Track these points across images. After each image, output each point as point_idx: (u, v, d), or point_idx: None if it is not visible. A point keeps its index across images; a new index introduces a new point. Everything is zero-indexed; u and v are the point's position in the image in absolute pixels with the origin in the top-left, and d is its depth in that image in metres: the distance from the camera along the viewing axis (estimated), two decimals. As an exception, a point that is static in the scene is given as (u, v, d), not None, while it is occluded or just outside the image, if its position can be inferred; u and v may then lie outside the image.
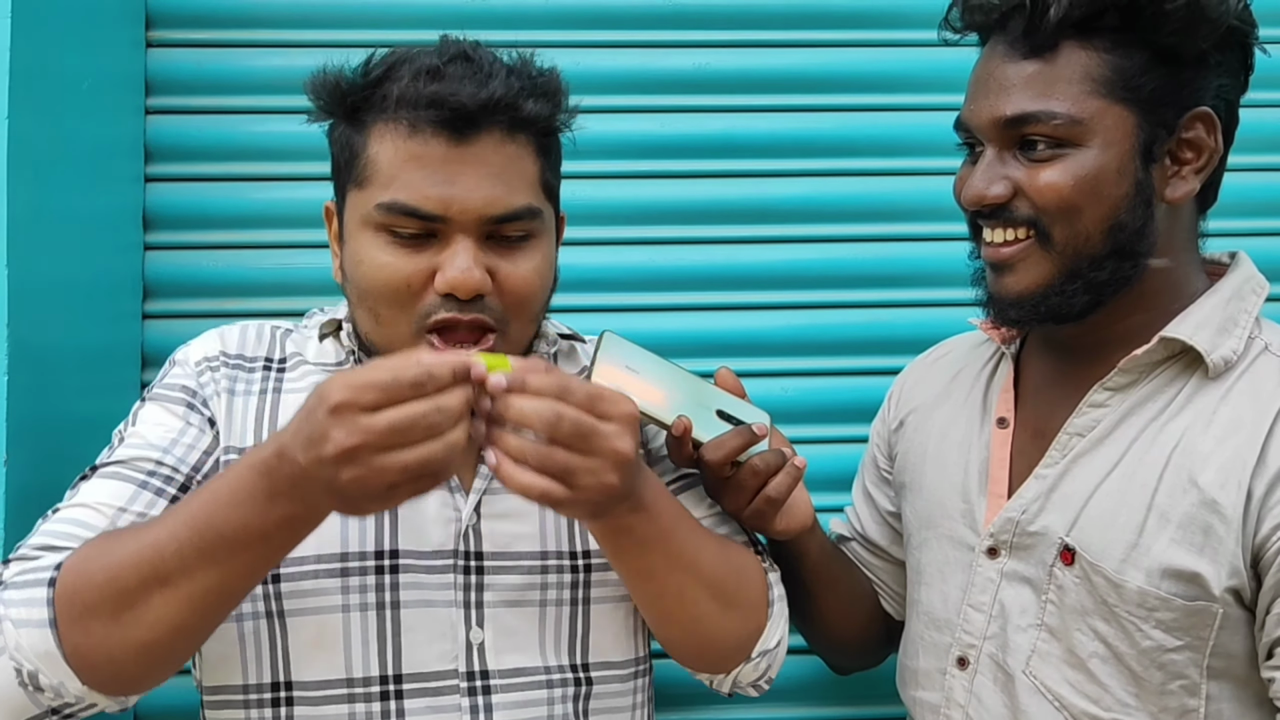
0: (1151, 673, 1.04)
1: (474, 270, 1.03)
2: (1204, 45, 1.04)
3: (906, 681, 1.26)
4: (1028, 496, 1.13)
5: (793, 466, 1.15)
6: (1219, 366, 1.06)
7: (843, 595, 1.34)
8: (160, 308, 1.65)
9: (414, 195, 1.03)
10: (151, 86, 1.66)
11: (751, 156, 1.72)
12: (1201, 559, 1.01)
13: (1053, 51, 1.05)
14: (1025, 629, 1.11)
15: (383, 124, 1.05)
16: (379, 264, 1.05)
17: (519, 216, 1.06)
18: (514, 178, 1.06)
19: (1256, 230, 1.70)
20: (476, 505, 1.13)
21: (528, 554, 1.13)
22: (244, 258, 1.66)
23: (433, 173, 1.03)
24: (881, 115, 1.73)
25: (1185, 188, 1.08)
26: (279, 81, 1.66)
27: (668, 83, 1.72)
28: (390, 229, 1.05)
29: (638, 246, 1.69)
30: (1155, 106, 1.05)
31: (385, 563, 1.09)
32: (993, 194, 1.08)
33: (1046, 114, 1.05)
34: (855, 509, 1.44)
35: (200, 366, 1.14)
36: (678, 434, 1.12)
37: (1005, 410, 1.20)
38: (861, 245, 1.72)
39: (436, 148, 1.03)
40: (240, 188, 1.67)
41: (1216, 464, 1.02)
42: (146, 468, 1.07)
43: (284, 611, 1.07)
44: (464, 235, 1.04)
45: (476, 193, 1.03)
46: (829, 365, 1.70)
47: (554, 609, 1.13)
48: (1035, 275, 1.09)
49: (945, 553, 1.21)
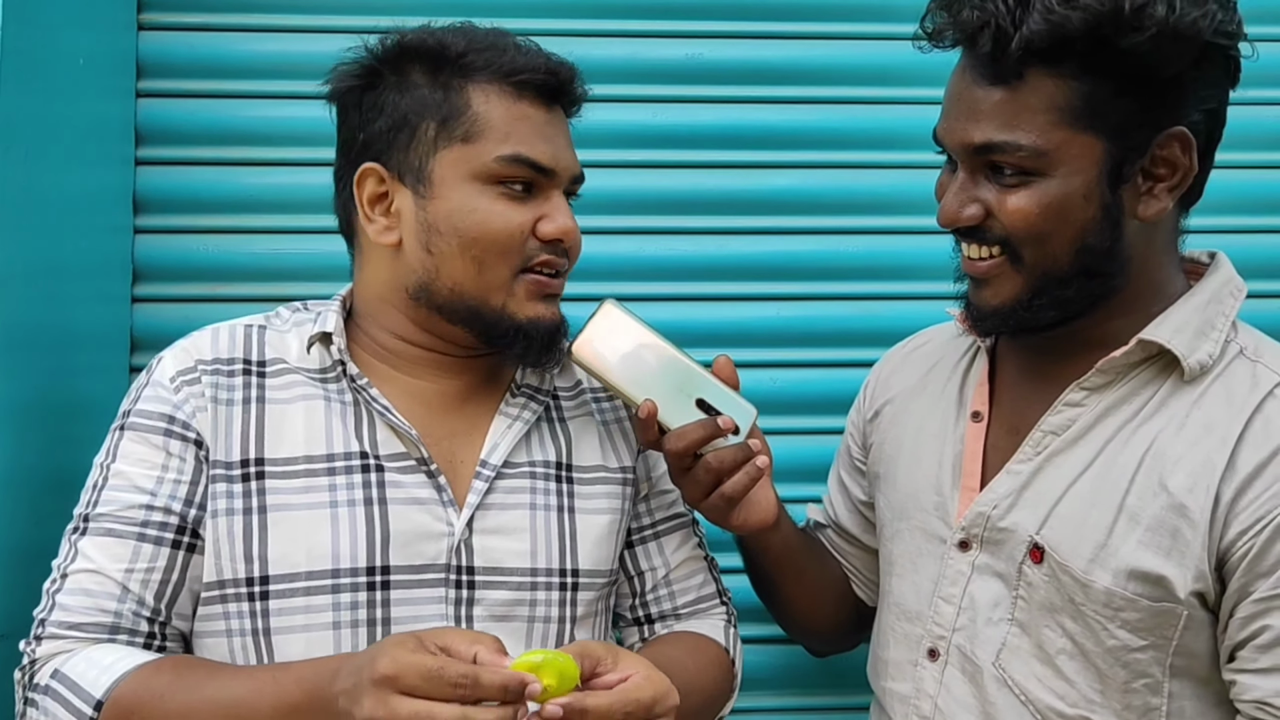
0: (1116, 671, 1.05)
1: (573, 222, 1.16)
2: (1179, 66, 1.01)
3: (878, 672, 1.26)
4: (999, 491, 1.14)
5: (753, 466, 1.15)
6: (1195, 370, 1.07)
7: (809, 585, 1.35)
8: (150, 291, 1.65)
9: (534, 150, 1.13)
10: (143, 69, 1.66)
11: (742, 148, 1.72)
12: (1168, 562, 1.02)
13: (1019, 79, 1.03)
14: (996, 623, 1.12)
15: (486, 84, 1.13)
16: (495, 212, 1.12)
17: (581, 179, 1.21)
18: (571, 145, 1.20)
19: (1237, 228, 1.71)
20: (469, 520, 1.13)
21: (518, 570, 1.14)
22: (235, 242, 1.66)
23: (538, 131, 1.14)
24: (871, 108, 1.73)
25: (1158, 205, 1.06)
26: (272, 65, 1.66)
27: (659, 72, 1.72)
28: (504, 181, 1.13)
29: (625, 236, 1.69)
30: (1126, 130, 1.03)
31: (377, 579, 1.09)
32: (965, 216, 1.09)
33: (1012, 145, 1.03)
34: (830, 497, 1.45)
35: (176, 383, 1.13)
36: (642, 416, 1.14)
37: (980, 404, 1.21)
38: (849, 238, 1.72)
39: (537, 112, 1.15)
40: (231, 172, 1.66)
41: (1187, 468, 1.03)
42: (139, 518, 1.08)
43: (272, 629, 1.08)
44: (558, 190, 1.17)
45: (568, 153, 1.18)
46: (814, 356, 1.71)
47: (541, 625, 1.15)
48: (1008, 291, 1.10)
49: (917, 544, 1.22)
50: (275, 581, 1.08)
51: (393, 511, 1.11)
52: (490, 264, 1.13)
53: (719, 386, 1.17)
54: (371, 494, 1.11)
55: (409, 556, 1.10)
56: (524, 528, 1.15)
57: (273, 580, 1.08)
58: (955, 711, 1.14)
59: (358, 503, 1.10)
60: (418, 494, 1.12)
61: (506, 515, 1.15)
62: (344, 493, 1.10)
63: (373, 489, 1.11)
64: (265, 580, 1.08)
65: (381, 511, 1.10)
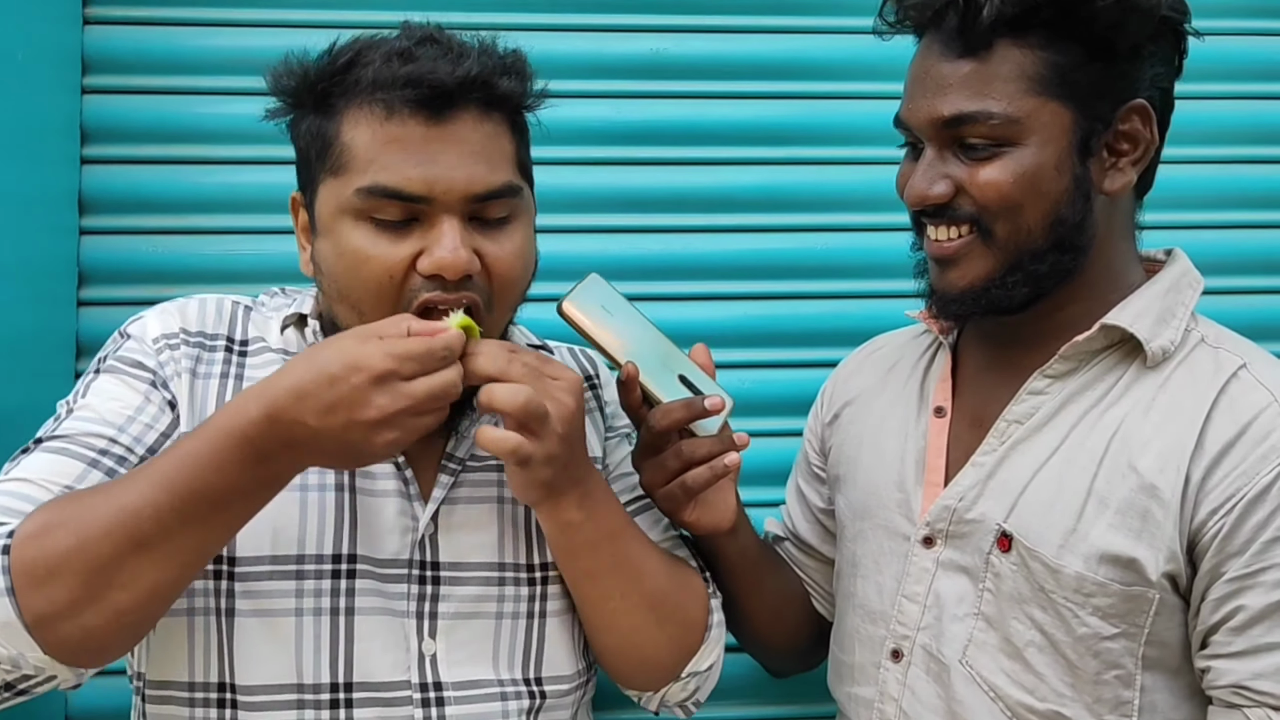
0: (1087, 661, 1.05)
1: (461, 250, 1.01)
2: (1138, 37, 1.05)
3: (842, 677, 1.25)
4: (964, 484, 1.13)
5: (719, 462, 1.12)
6: (1157, 356, 1.08)
7: (767, 598, 1.33)
8: (97, 294, 1.61)
9: (395, 177, 1.00)
10: (89, 64, 1.62)
11: (706, 144, 1.70)
12: (1139, 544, 1.03)
13: (987, 50, 1.06)
14: (962, 618, 1.11)
15: (356, 108, 1.02)
16: (362, 256, 1.02)
17: (502, 194, 1.04)
18: (494, 155, 1.04)
19: (1193, 223, 1.71)
20: (434, 514, 1.11)
21: (484, 565, 1.11)
22: (184, 243, 1.63)
23: (413, 153, 1.01)
24: (835, 103, 1.72)
25: (1123, 179, 1.09)
26: (221, 62, 1.63)
27: (623, 68, 1.70)
28: (371, 215, 1.02)
29: (588, 235, 1.68)
30: (1091, 101, 1.06)
31: (343, 567, 1.07)
32: (935, 193, 1.09)
33: (984, 114, 1.05)
34: (788, 508, 1.44)
35: (159, 344, 1.09)
36: (624, 378, 1.12)
37: (943, 399, 1.21)
38: (816, 235, 1.71)
39: (415, 128, 1.01)
40: (180, 171, 1.63)
41: (1156, 449, 1.04)
42: (98, 445, 1.02)
43: (235, 610, 1.05)
44: (449, 215, 1.02)
45: (459, 171, 1.01)
46: (781, 357, 1.69)
47: (509, 622, 1.12)
48: (977, 270, 1.10)
49: (880, 543, 1.21)
50: (241, 564, 1.05)
51: (360, 502, 1.08)
52: (367, 310, 1.03)
53: (699, 370, 1.16)
54: (343, 480, 1.09)
55: (374, 549, 1.08)
56: (491, 522, 1.13)
57: (239, 562, 1.05)
58: (920, 713, 1.13)
59: (328, 488, 1.08)
60: (384, 485, 1.10)
61: (474, 509, 1.12)
62: (314, 477, 1.07)
63: (343, 476, 1.09)
64: (233, 561, 1.05)
65: (351, 500, 1.08)
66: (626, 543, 1.10)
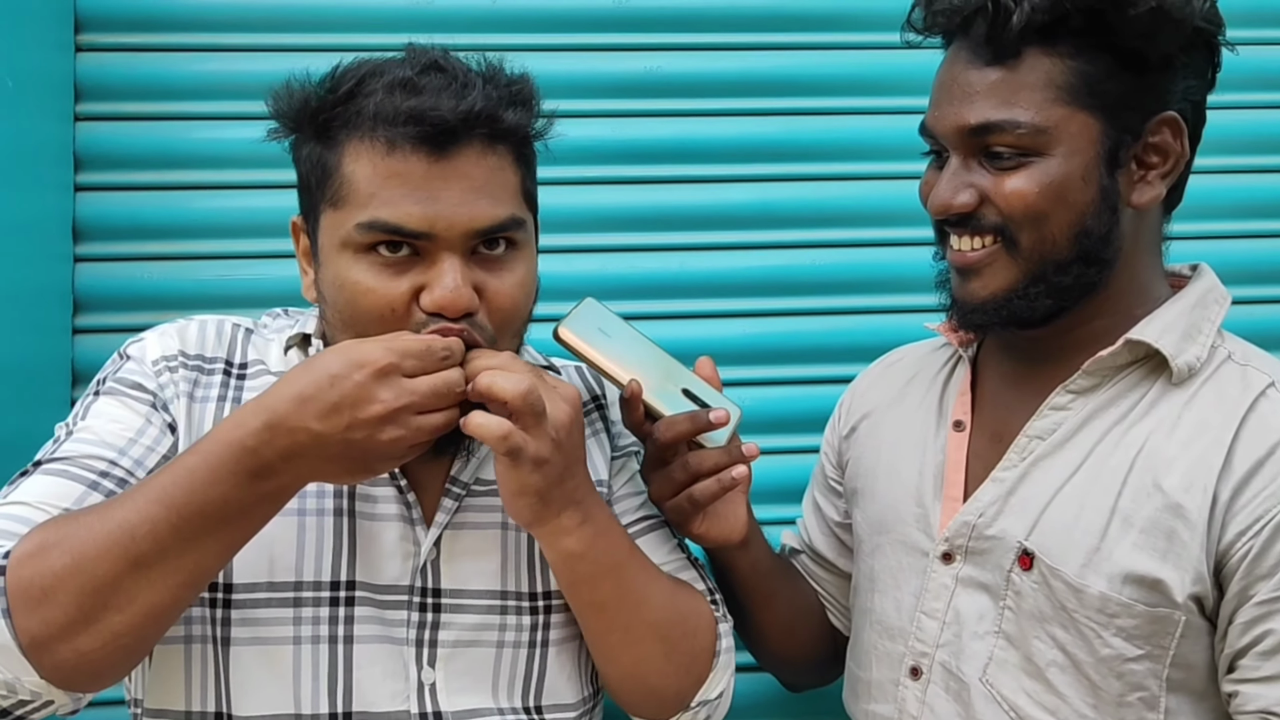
0: (1110, 682, 1.03)
1: (462, 289, 0.99)
2: (1169, 48, 1.03)
3: (859, 694, 1.23)
4: (985, 500, 1.12)
5: (727, 474, 1.11)
6: (1183, 372, 1.06)
7: (781, 612, 1.31)
8: (92, 322, 1.60)
9: (396, 213, 0.98)
10: (81, 91, 1.61)
11: (705, 161, 1.69)
12: (1164, 564, 1.01)
13: (1016, 59, 1.05)
14: (982, 636, 1.10)
15: (358, 141, 1.00)
16: (362, 289, 1.00)
17: (505, 228, 1.03)
18: (497, 189, 1.03)
19: (1220, 233, 1.70)
20: (437, 540, 1.09)
21: (486, 593, 1.10)
22: (180, 269, 1.61)
23: (414, 189, 0.99)
24: (836, 119, 1.71)
25: (1151, 193, 1.08)
26: (215, 86, 1.62)
27: (619, 87, 1.69)
28: (371, 250, 1.00)
29: (586, 254, 1.66)
30: (1120, 112, 1.05)
31: (341, 594, 1.05)
32: (959, 203, 1.08)
33: (1010, 123, 1.04)
34: (804, 521, 1.42)
35: (159, 366, 1.08)
36: (627, 395, 1.10)
37: (962, 413, 1.20)
38: (817, 251, 1.70)
39: (417, 164, 0.99)
40: (175, 196, 1.62)
41: (1182, 468, 1.02)
42: (99, 468, 1.00)
43: (232, 639, 1.03)
44: (449, 253, 1.00)
45: (461, 208, 1.00)
46: (787, 374, 1.68)
47: (511, 651, 1.10)
48: (1001, 280, 1.09)
49: (898, 559, 1.19)
50: (237, 591, 1.03)
51: (360, 526, 1.07)
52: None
53: (704, 383, 1.14)
54: (343, 505, 1.07)
55: (374, 574, 1.06)
56: (494, 549, 1.11)
57: (236, 589, 1.03)
58: None
59: (326, 512, 1.06)
60: (385, 509, 1.08)
61: (477, 536, 1.10)
62: (313, 501, 1.06)
63: (343, 499, 1.07)
64: (230, 588, 1.03)
65: (351, 525, 1.06)
66: (631, 574, 1.07)
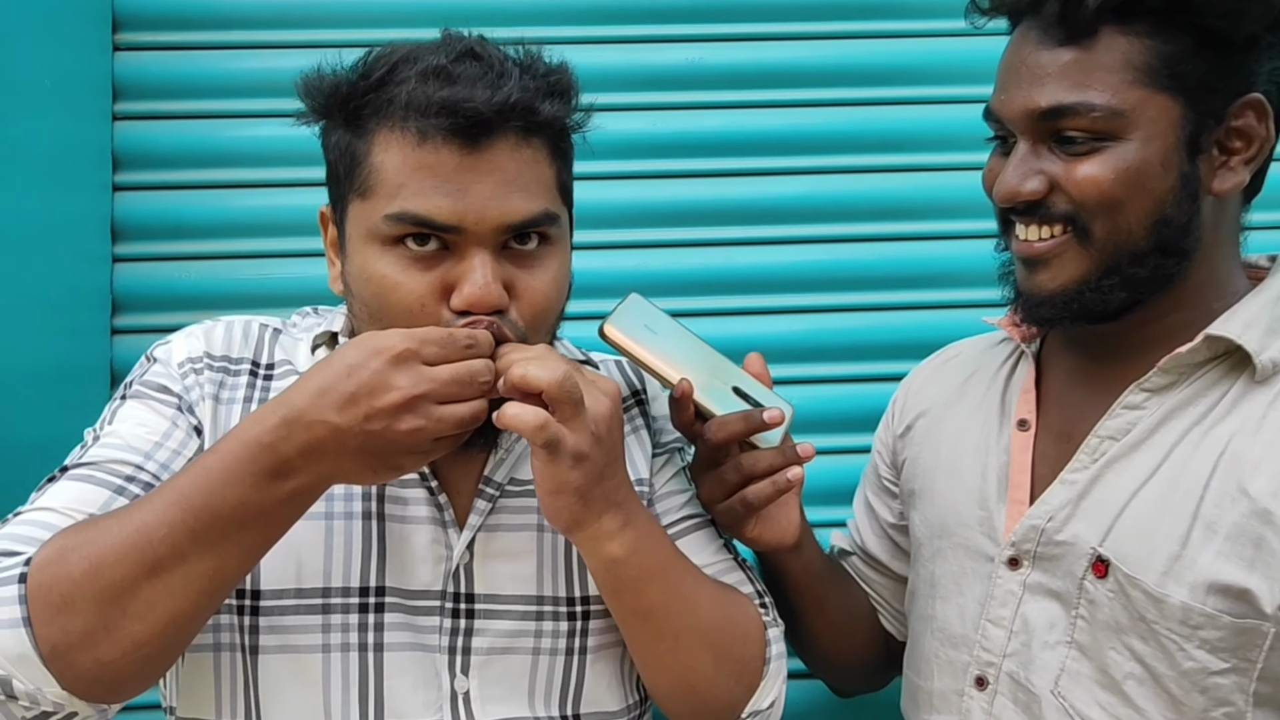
0: (1193, 697, 0.98)
1: (492, 285, 0.96)
2: (1255, 27, 0.98)
3: (920, 704, 1.19)
4: (1054, 503, 1.07)
5: (782, 476, 1.07)
6: (1267, 369, 1.01)
7: (833, 616, 1.28)
8: (130, 322, 1.60)
9: (426, 205, 0.96)
10: (119, 91, 1.61)
11: (748, 154, 1.67)
12: (1252, 574, 0.95)
13: (1091, 38, 1.00)
14: (1053, 646, 1.05)
15: (388, 130, 0.98)
16: (390, 283, 0.98)
17: (537, 223, 0.99)
18: (530, 183, 0.99)
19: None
20: (470, 542, 1.06)
21: (522, 598, 1.06)
22: (219, 268, 1.61)
23: (445, 181, 0.96)
24: (882, 109, 1.68)
25: (1234, 179, 1.03)
26: (252, 84, 1.62)
27: (659, 79, 1.67)
28: (399, 242, 0.98)
29: (629, 250, 1.65)
30: (1202, 94, 1.00)
31: (370, 600, 1.02)
32: (1027, 190, 1.04)
33: (1085, 106, 1.00)
34: (855, 522, 1.39)
35: (184, 369, 1.07)
36: (677, 395, 1.07)
37: (1026, 412, 1.15)
38: (865, 245, 1.67)
39: (448, 156, 0.96)
40: (214, 195, 1.62)
41: (1269, 471, 0.96)
42: (125, 472, 0.99)
43: (260, 647, 1.01)
44: (480, 248, 0.97)
45: (492, 202, 0.97)
46: (833, 372, 1.65)
47: (547, 658, 1.07)
48: (1071, 271, 1.04)
49: (961, 564, 1.15)
50: (264, 598, 1.01)
51: (390, 530, 1.04)
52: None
53: (754, 381, 1.11)
54: (371, 508, 1.05)
55: (404, 579, 1.04)
56: (530, 552, 1.08)
57: (263, 595, 1.01)
58: None
59: (355, 516, 1.04)
60: (416, 512, 1.05)
61: (512, 537, 1.07)
62: (340, 504, 1.04)
63: (372, 502, 1.05)
64: (257, 595, 1.01)
65: (380, 528, 1.04)
66: (677, 578, 1.03)
